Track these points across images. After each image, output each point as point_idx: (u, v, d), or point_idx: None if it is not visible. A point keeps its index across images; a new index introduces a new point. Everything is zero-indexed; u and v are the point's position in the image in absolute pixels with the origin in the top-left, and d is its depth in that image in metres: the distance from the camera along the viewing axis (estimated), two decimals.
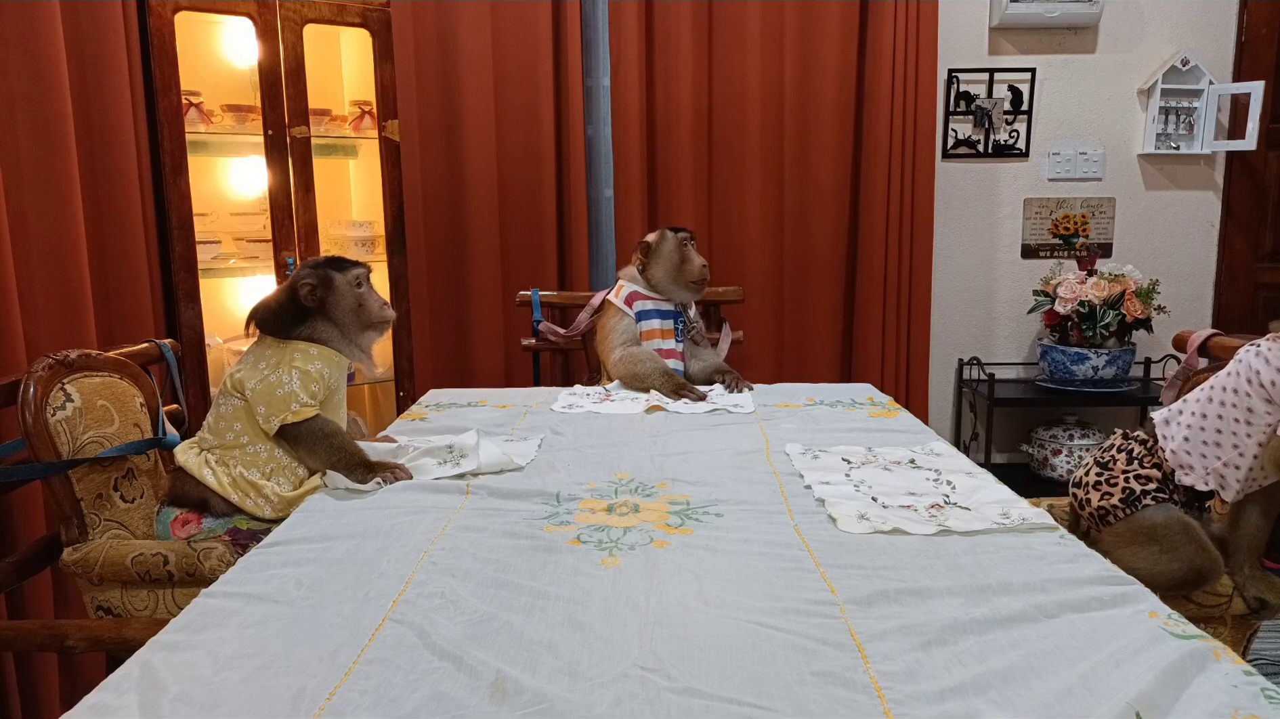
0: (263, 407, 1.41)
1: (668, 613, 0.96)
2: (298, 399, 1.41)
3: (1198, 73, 3.03)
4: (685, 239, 2.15)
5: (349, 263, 1.52)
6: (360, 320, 1.51)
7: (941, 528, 1.18)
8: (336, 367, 1.49)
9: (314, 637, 0.92)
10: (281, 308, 1.47)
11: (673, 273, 2.13)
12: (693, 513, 1.28)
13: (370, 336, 1.54)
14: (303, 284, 1.46)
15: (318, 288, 1.46)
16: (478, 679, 0.83)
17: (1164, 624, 0.88)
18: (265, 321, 1.47)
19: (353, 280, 1.50)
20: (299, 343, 1.46)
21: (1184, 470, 1.34)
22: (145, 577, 1.35)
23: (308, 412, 1.43)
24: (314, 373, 1.44)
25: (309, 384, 1.43)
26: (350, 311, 1.49)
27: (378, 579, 1.07)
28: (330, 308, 1.48)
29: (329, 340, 1.48)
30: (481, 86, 2.74)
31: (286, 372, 1.42)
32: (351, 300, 1.50)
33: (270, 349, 1.46)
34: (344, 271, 1.50)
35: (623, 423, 1.81)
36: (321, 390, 1.45)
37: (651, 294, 2.15)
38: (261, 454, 1.43)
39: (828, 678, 0.83)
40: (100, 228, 2.21)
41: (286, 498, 1.39)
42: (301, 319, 1.46)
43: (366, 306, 1.51)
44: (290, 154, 2.51)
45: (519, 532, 1.21)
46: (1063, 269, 3.08)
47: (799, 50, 2.85)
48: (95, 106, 2.18)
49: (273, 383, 1.42)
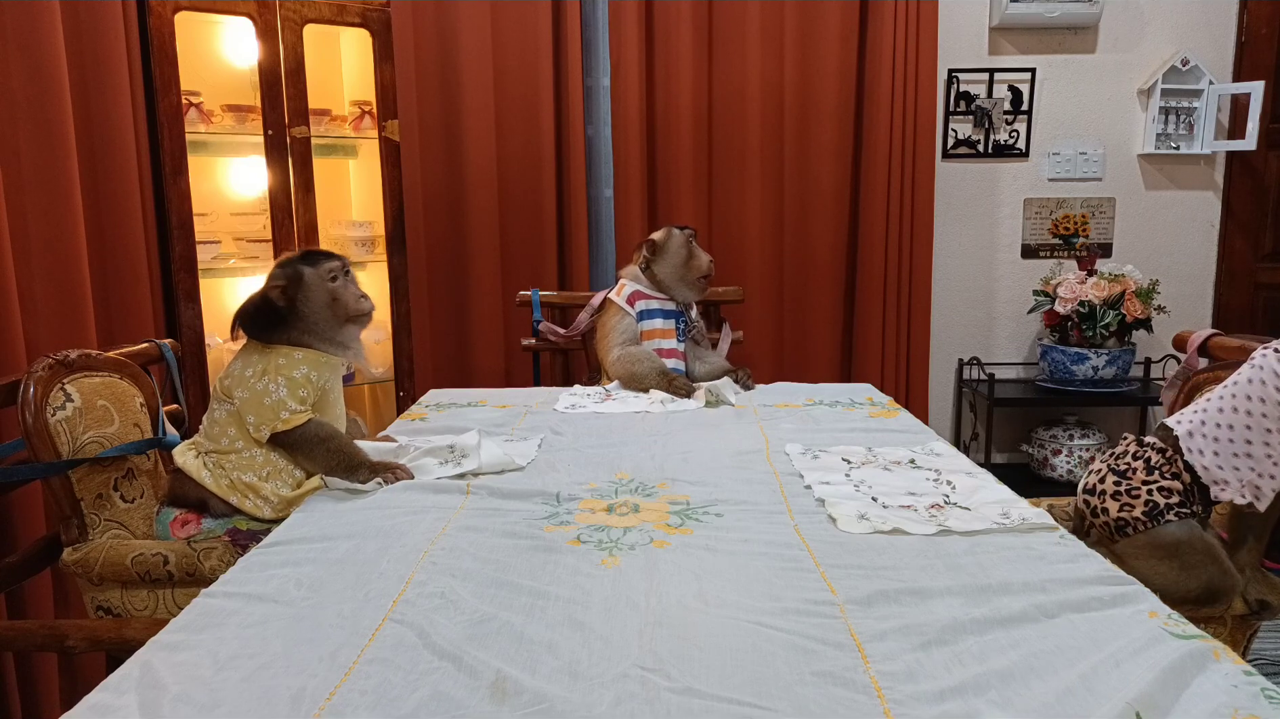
0: (252, 416, 1.39)
1: (668, 613, 0.96)
2: (286, 407, 1.38)
3: (1198, 73, 3.03)
4: (691, 236, 2.16)
5: (323, 255, 1.47)
6: (336, 315, 1.45)
7: (942, 528, 1.17)
8: (325, 368, 1.44)
9: (314, 637, 0.92)
10: (259, 311, 1.42)
11: (679, 269, 2.13)
12: (693, 513, 1.28)
13: (351, 331, 1.48)
14: (272, 286, 1.41)
15: (288, 287, 1.41)
16: (478, 679, 0.83)
17: (1164, 624, 0.88)
18: (247, 326, 1.42)
19: (325, 274, 1.44)
20: (282, 348, 1.42)
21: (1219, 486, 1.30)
22: (145, 577, 1.35)
23: (298, 419, 1.39)
24: (300, 378, 1.41)
25: (296, 390, 1.40)
26: (324, 307, 1.43)
27: (378, 579, 1.07)
28: (302, 305, 1.42)
29: (310, 342, 1.44)
30: (481, 86, 2.74)
31: (273, 379, 1.39)
32: (324, 295, 1.43)
33: (256, 355, 1.43)
34: (315, 265, 1.44)
35: (623, 423, 1.81)
36: (312, 394, 1.42)
37: (654, 293, 2.15)
38: (257, 458, 1.41)
39: (828, 678, 0.83)
40: (100, 228, 2.21)
41: (286, 498, 1.39)
42: (279, 322, 1.42)
43: (341, 300, 1.44)
44: (290, 154, 2.51)
45: (519, 532, 1.21)
46: (1063, 269, 3.08)
47: (799, 50, 2.85)
48: (95, 106, 2.18)
49: (259, 391, 1.39)
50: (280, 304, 1.42)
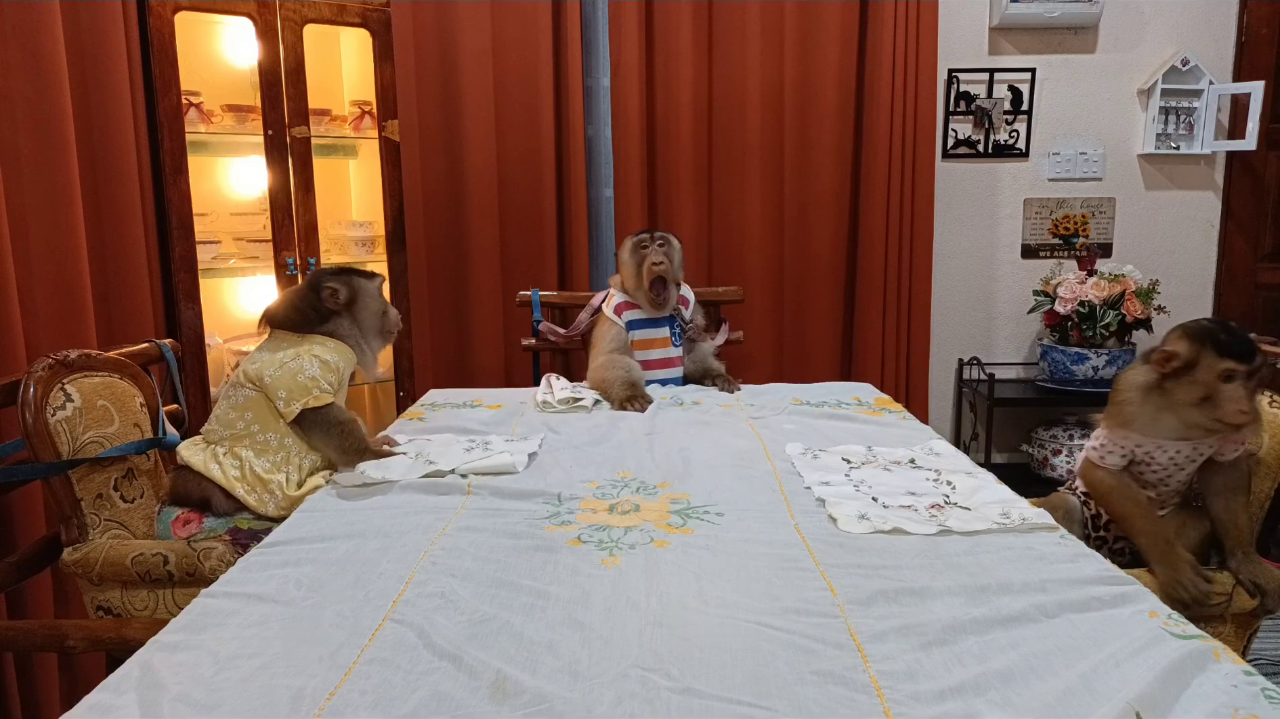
0: (284, 391, 1.46)
1: (668, 613, 0.96)
2: (319, 385, 1.48)
3: (1198, 73, 3.03)
4: (643, 240, 2.11)
5: (370, 274, 1.64)
6: (382, 326, 1.62)
7: (942, 528, 1.18)
8: (349, 362, 1.57)
9: (314, 637, 0.92)
10: (305, 305, 1.55)
11: (635, 279, 2.10)
12: (694, 512, 1.28)
13: (381, 343, 1.64)
14: (326, 287, 1.55)
15: (340, 291, 1.55)
16: (478, 679, 0.83)
17: (1164, 624, 0.88)
18: (284, 319, 1.54)
19: (376, 289, 1.62)
20: (316, 336, 1.54)
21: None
22: (145, 577, 1.35)
23: (327, 398, 1.49)
24: (332, 363, 1.51)
25: (328, 373, 1.50)
26: (375, 316, 1.61)
27: (378, 579, 1.07)
28: (358, 311, 1.58)
29: (347, 338, 1.56)
30: (481, 86, 2.74)
31: (308, 359, 1.49)
32: (378, 306, 1.61)
33: (286, 343, 1.52)
34: (371, 279, 1.63)
35: (626, 422, 1.81)
36: (336, 380, 1.52)
37: (635, 302, 2.15)
38: (272, 442, 1.47)
39: (827, 677, 0.83)
40: (100, 228, 2.21)
41: (291, 496, 1.40)
42: (324, 318, 1.55)
43: (389, 315, 1.64)
44: (290, 154, 2.51)
45: (520, 531, 1.21)
46: (1063, 269, 3.07)
47: (799, 50, 2.84)
48: (95, 106, 2.18)
49: (294, 369, 1.47)
50: (332, 306, 1.55)
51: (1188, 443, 1.29)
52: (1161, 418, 1.26)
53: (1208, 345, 1.20)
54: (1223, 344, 1.19)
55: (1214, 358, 1.19)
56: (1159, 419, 1.26)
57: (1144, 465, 1.34)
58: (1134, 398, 1.29)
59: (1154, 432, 1.28)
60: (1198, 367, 1.21)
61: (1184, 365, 1.22)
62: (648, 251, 2.09)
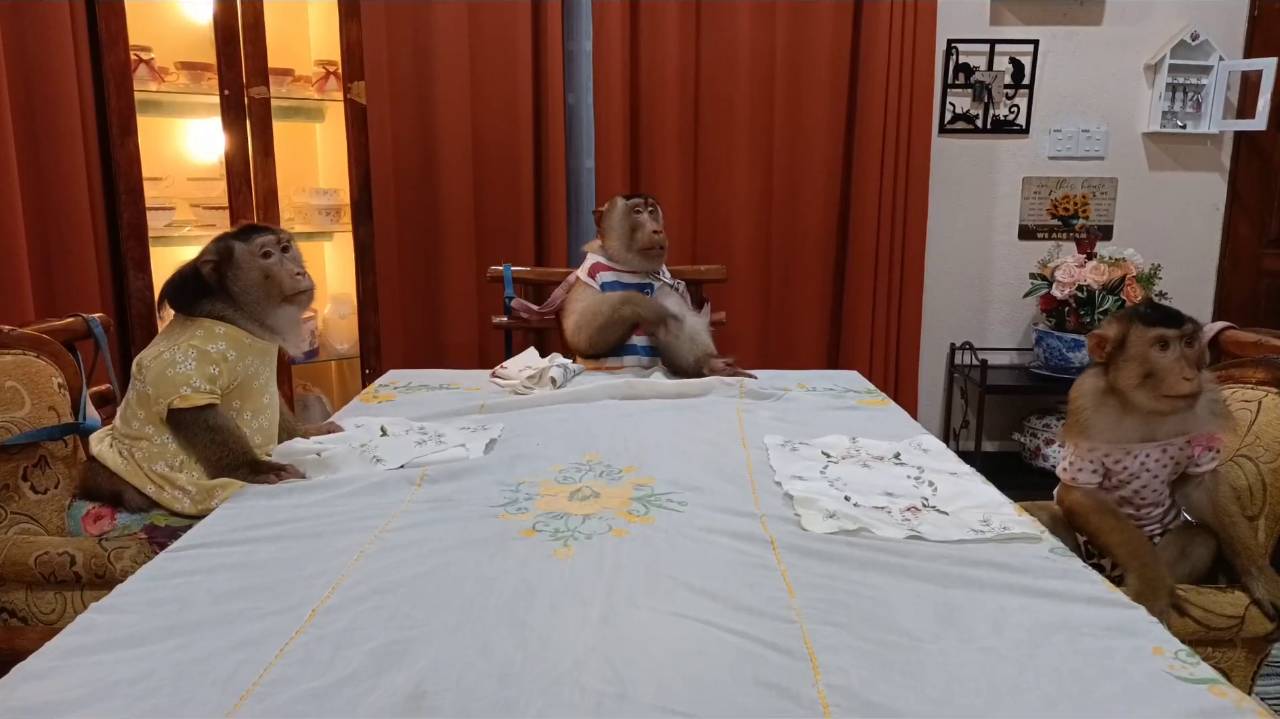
0: (152, 387, 1.26)
1: (615, 610, 0.90)
2: (189, 382, 1.25)
3: (1208, 48, 2.91)
4: (637, 205, 2.05)
5: (259, 229, 1.35)
6: (269, 294, 1.33)
7: (913, 533, 1.09)
8: (249, 352, 1.33)
9: (211, 657, 0.82)
10: (185, 281, 1.31)
11: (625, 240, 2.03)
12: (657, 500, 1.21)
13: (288, 313, 1.36)
14: (204, 261, 1.31)
15: (219, 263, 1.31)
16: (394, 694, 0.76)
17: (1169, 667, 0.76)
18: (173, 299, 1.32)
19: (257, 249, 1.32)
20: (206, 320, 1.31)
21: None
22: (50, 578, 1.23)
23: (199, 399, 1.26)
24: (215, 354, 1.28)
25: (205, 367, 1.27)
26: (255, 286, 1.32)
27: (301, 586, 0.97)
28: (231, 283, 1.31)
29: (237, 320, 1.32)
30: (455, 49, 2.62)
31: (183, 350, 1.27)
32: (256, 273, 1.32)
33: (176, 328, 1.32)
34: (248, 240, 1.32)
35: (598, 403, 1.72)
36: (224, 375, 1.30)
37: (614, 265, 2.06)
38: (169, 446, 1.29)
39: (772, 689, 0.76)
40: (40, 192, 2.08)
41: (205, 487, 1.25)
42: (205, 294, 1.31)
43: (274, 277, 1.32)
44: (249, 116, 2.37)
45: (471, 521, 1.14)
46: (1061, 251, 2.97)
47: (791, 15, 2.72)
48: (34, 62, 2.04)
49: (165, 361, 1.26)
50: (210, 280, 1.31)
51: (1155, 445, 1.23)
52: (1124, 421, 1.23)
53: (1135, 320, 1.21)
54: (1147, 315, 1.20)
55: (1142, 328, 1.19)
56: (1121, 423, 1.23)
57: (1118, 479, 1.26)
58: (1088, 404, 1.26)
59: (1116, 436, 1.24)
60: (1128, 342, 1.20)
61: (1117, 345, 1.21)
62: (642, 217, 2.03)
